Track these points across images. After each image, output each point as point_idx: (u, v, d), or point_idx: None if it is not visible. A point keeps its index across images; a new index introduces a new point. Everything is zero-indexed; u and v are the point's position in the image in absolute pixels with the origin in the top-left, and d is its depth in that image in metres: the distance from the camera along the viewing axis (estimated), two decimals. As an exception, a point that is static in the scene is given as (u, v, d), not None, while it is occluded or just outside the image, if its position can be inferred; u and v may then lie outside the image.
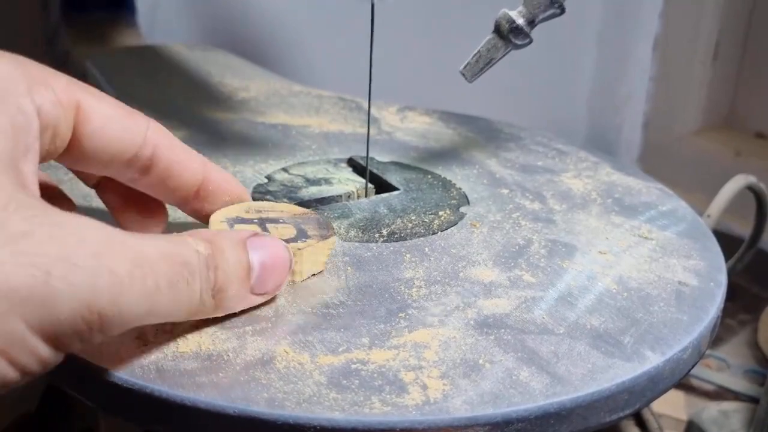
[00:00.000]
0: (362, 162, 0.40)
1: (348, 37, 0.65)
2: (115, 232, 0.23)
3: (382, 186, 0.39)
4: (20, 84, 0.24)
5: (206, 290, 0.25)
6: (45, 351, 0.21)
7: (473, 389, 0.24)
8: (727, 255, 0.37)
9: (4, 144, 0.23)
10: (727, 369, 0.62)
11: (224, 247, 0.25)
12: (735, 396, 0.59)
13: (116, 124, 0.27)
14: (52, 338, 0.21)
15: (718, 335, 0.65)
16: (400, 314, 0.28)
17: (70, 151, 0.27)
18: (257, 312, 0.27)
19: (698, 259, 0.34)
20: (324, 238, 0.30)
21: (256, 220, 0.31)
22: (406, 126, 0.49)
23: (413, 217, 0.36)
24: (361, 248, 0.33)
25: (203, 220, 0.31)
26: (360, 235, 0.34)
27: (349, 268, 0.31)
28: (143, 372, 0.24)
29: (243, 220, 0.31)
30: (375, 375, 0.25)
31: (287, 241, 0.29)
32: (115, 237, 0.23)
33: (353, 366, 0.25)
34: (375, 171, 0.40)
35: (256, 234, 0.27)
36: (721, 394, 0.60)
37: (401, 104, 0.53)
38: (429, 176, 0.41)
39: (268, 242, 0.27)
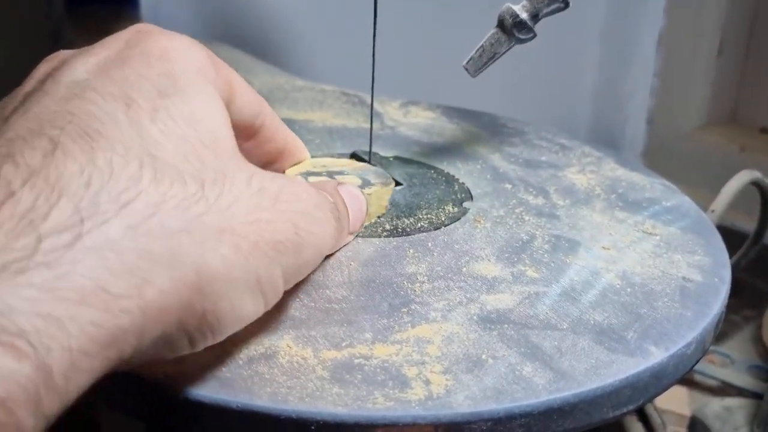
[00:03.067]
0: (365, 156, 0.40)
1: (351, 32, 0.65)
2: (307, 184, 0.27)
3: (385, 181, 0.39)
4: (211, 68, 0.27)
5: (340, 231, 0.29)
6: (280, 293, 0.25)
7: (476, 384, 0.24)
8: (732, 251, 0.37)
9: (224, 120, 0.26)
10: (731, 365, 0.62)
11: (336, 196, 0.30)
12: (739, 392, 0.59)
13: (249, 98, 0.30)
14: (288, 282, 0.25)
15: (722, 331, 0.65)
16: (403, 309, 0.28)
17: None
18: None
19: (702, 254, 0.34)
20: (385, 184, 0.35)
21: (324, 173, 0.34)
22: (409, 121, 0.49)
23: (416, 212, 0.36)
24: (364, 243, 0.33)
25: None
26: (363, 230, 0.34)
27: (352, 263, 0.31)
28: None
29: (313, 174, 0.34)
30: (378, 370, 0.25)
31: None
32: (314, 190, 0.27)
33: (356, 361, 0.25)
34: (378, 166, 0.40)
35: (341, 183, 0.31)
36: (724, 389, 0.59)
37: (404, 99, 0.53)
38: (432, 171, 0.41)
39: (351, 190, 0.32)
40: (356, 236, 0.33)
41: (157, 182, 0.21)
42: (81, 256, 0.19)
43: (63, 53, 0.27)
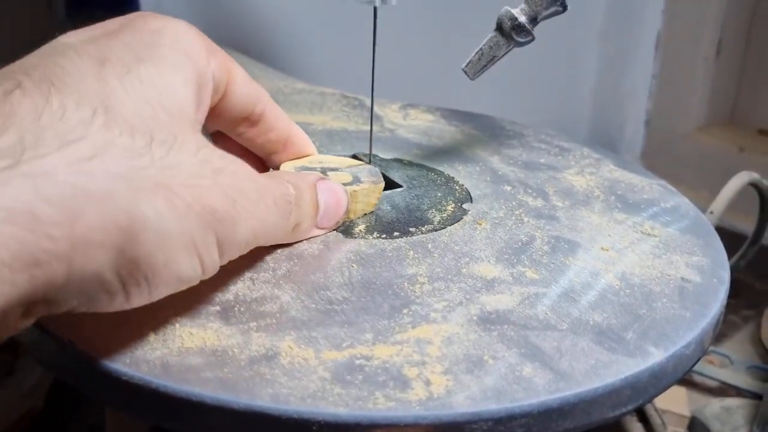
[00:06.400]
0: (365, 159, 0.40)
1: (351, 35, 0.65)
2: (256, 172, 0.27)
3: (385, 183, 0.39)
4: (203, 50, 0.28)
5: (293, 223, 0.30)
6: (216, 262, 0.25)
7: (476, 385, 0.24)
8: (730, 251, 0.37)
9: (192, 97, 0.27)
10: (730, 365, 0.62)
11: (303, 189, 0.30)
12: (738, 392, 0.59)
13: (248, 85, 0.32)
14: (224, 254, 0.25)
15: (721, 331, 0.65)
16: (404, 310, 0.28)
17: (213, 107, 0.31)
18: (261, 308, 0.28)
19: (701, 255, 0.34)
20: (375, 183, 0.35)
21: (318, 169, 0.35)
22: (408, 123, 0.50)
23: (416, 214, 0.36)
24: (365, 245, 0.33)
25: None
26: (363, 231, 0.34)
27: (353, 264, 0.31)
28: (149, 367, 0.24)
29: (307, 168, 0.35)
30: (379, 370, 0.25)
31: (344, 185, 0.34)
32: (259, 176, 0.27)
33: (357, 361, 0.25)
34: (379, 167, 0.40)
35: (322, 178, 0.32)
36: (724, 390, 0.60)
37: (404, 102, 0.54)
38: (432, 173, 0.41)
39: (331, 186, 0.32)
40: (357, 238, 0.33)
41: (107, 129, 0.23)
42: (14, 182, 0.20)
43: None
